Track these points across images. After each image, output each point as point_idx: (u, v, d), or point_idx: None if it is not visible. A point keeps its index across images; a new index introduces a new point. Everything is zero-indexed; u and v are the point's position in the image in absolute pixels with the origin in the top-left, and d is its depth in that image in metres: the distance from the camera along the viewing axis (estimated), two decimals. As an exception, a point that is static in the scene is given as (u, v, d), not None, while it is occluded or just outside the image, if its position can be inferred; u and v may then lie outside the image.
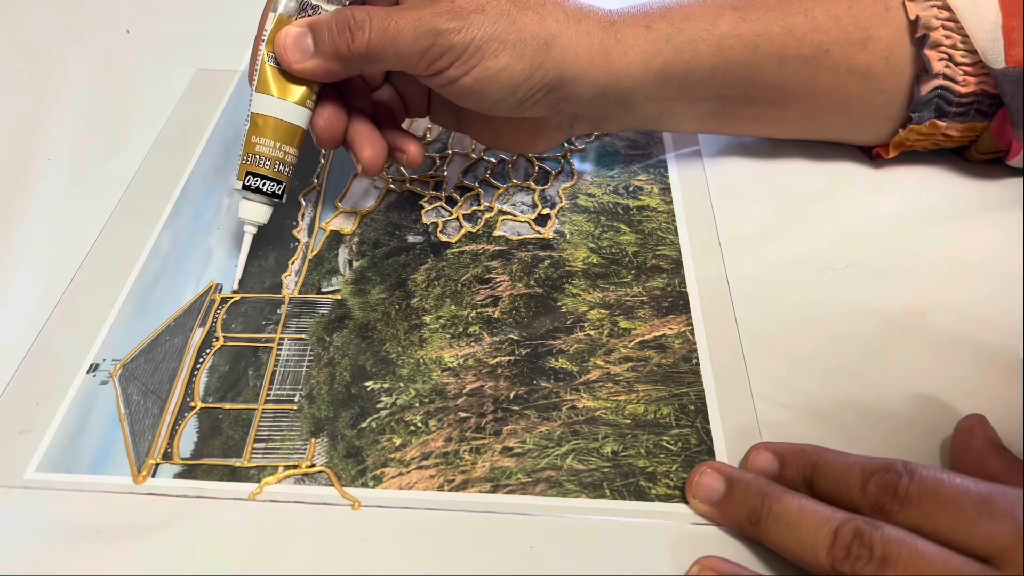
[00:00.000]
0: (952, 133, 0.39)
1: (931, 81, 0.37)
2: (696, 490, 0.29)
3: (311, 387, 0.34)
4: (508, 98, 0.34)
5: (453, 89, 0.34)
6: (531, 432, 0.32)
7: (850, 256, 0.38)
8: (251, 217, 0.37)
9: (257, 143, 0.35)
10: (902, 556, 0.24)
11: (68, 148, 0.46)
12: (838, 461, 0.28)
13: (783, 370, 0.34)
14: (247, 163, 0.36)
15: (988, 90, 0.37)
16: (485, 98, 0.34)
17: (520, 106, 0.35)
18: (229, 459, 0.32)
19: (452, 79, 0.33)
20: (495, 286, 0.38)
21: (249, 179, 0.36)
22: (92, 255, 0.40)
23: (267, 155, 0.36)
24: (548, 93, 0.35)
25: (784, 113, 0.40)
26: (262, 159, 0.36)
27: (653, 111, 0.39)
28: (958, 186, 0.41)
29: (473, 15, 0.32)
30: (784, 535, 0.27)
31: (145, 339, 0.36)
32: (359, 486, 0.31)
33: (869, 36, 0.37)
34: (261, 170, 0.36)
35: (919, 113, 0.38)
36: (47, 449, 0.32)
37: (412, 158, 0.37)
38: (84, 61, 0.53)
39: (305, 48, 0.33)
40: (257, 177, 0.36)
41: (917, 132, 0.39)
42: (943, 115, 0.38)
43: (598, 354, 0.35)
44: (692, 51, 0.36)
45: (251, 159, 0.36)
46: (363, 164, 0.36)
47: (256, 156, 0.36)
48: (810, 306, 0.36)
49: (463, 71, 0.33)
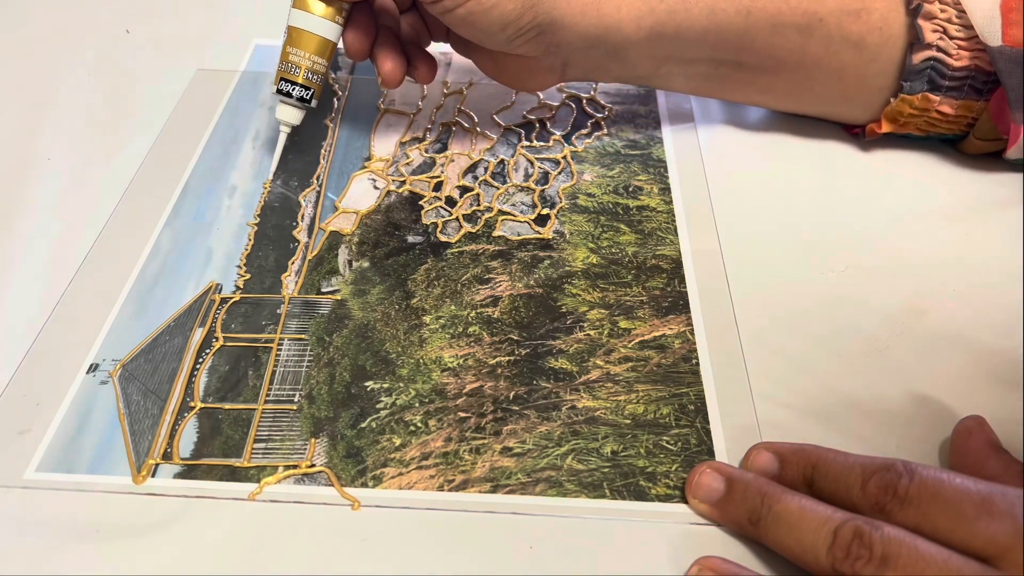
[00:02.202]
0: (946, 110, 0.39)
1: (924, 51, 0.37)
2: (696, 490, 0.29)
3: (311, 387, 0.34)
4: (498, 33, 0.37)
5: (449, 17, 0.36)
6: (531, 432, 0.32)
7: (850, 256, 0.38)
8: (285, 118, 0.42)
9: (291, 52, 0.40)
10: (902, 556, 0.24)
11: (68, 148, 0.46)
12: (838, 461, 0.28)
13: (783, 370, 0.34)
14: (282, 70, 0.40)
15: (982, 66, 0.37)
16: (477, 30, 0.37)
17: (511, 43, 0.37)
18: (229, 459, 0.32)
19: (448, 8, 0.36)
20: (495, 286, 0.38)
21: (283, 84, 0.40)
22: (92, 255, 0.40)
23: (299, 64, 0.40)
24: (538, 35, 0.37)
25: (775, 81, 0.41)
26: (294, 67, 0.40)
27: (644, 68, 0.40)
28: (958, 186, 0.42)
29: None
30: (784, 535, 0.27)
31: (145, 339, 0.36)
32: (359, 486, 0.31)
33: (864, 6, 0.37)
34: (293, 77, 0.40)
35: (911, 83, 0.38)
36: (47, 449, 0.32)
37: (421, 75, 0.41)
38: (84, 61, 0.53)
39: None
40: (289, 83, 0.40)
41: (910, 105, 0.39)
42: (936, 88, 0.38)
43: (598, 354, 0.35)
44: (685, 12, 0.37)
45: (285, 67, 0.40)
46: (383, 76, 0.40)
47: (289, 64, 0.40)
48: (810, 306, 0.36)
49: (458, 2, 0.35)
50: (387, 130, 0.48)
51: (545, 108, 0.49)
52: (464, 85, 0.51)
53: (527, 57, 0.39)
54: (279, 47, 0.41)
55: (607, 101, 0.49)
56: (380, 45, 0.40)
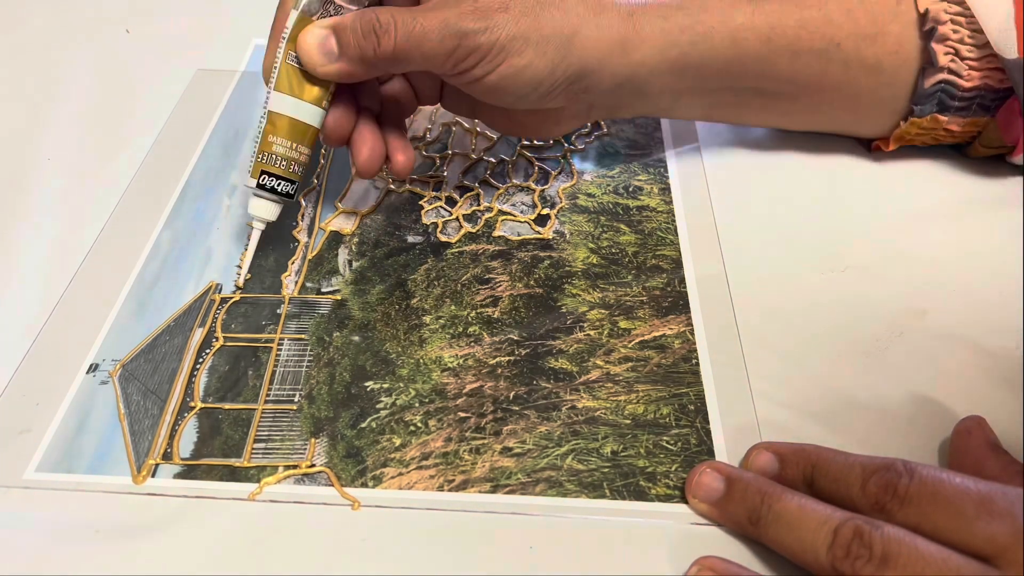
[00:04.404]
0: (953, 128, 0.39)
1: (935, 75, 0.37)
2: (696, 490, 0.29)
3: (311, 387, 0.34)
4: (531, 93, 0.35)
5: (478, 87, 0.34)
6: (531, 432, 0.32)
7: (850, 256, 0.38)
8: (261, 215, 0.38)
9: (274, 142, 0.36)
10: (902, 555, 0.24)
11: (68, 148, 0.46)
12: (838, 461, 0.28)
13: (783, 370, 0.34)
14: (263, 162, 0.36)
15: (992, 84, 0.37)
16: (508, 94, 0.35)
17: (542, 100, 0.36)
18: (229, 459, 0.32)
19: (477, 77, 0.34)
20: (495, 286, 0.38)
21: (264, 178, 0.36)
22: (92, 255, 0.40)
23: (282, 155, 0.36)
24: (569, 86, 0.35)
25: (793, 105, 0.41)
26: (278, 159, 0.36)
27: (666, 101, 0.40)
28: (958, 186, 0.42)
29: (497, 14, 0.33)
30: (784, 534, 0.27)
31: (145, 339, 0.36)
32: (359, 486, 0.31)
33: (880, 30, 0.37)
34: (276, 170, 0.36)
35: (921, 106, 0.39)
36: (47, 449, 0.32)
37: (398, 168, 0.38)
38: (84, 61, 0.53)
39: (329, 51, 0.34)
40: (272, 177, 0.36)
41: (918, 126, 0.39)
42: (945, 109, 0.38)
43: (598, 354, 0.35)
44: (707, 43, 0.37)
45: (267, 158, 0.36)
46: (358, 167, 0.37)
47: (272, 156, 0.36)
48: (810, 306, 0.36)
49: (488, 70, 0.33)
50: (387, 130, 0.48)
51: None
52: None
53: (551, 108, 0.37)
54: None
55: (607, 101, 0.49)
56: (359, 130, 0.37)
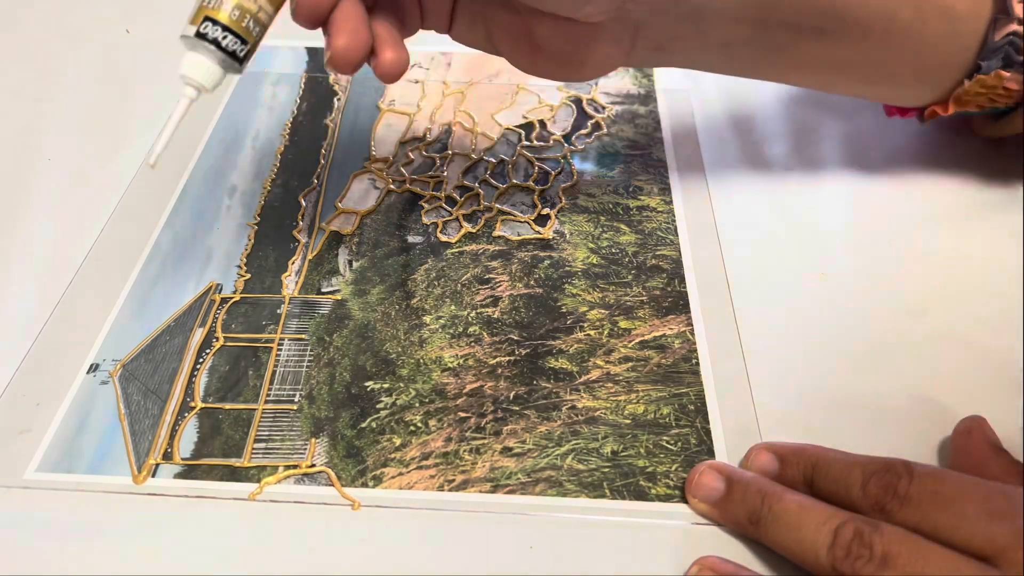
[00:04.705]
0: (1012, 86, 0.36)
1: (1008, 26, 0.35)
2: (696, 489, 0.29)
3: (311, 387, 0.34)
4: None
5: None
6: (531, 432, 0.32)
7: (850, 256, 0.38)
8: (196, 76, 0.28)
9: None
10: (902, 556, 0.24)
11: (68, 148, 0.46)
12: (838, 461, 0.28)
13: (783, 370, 0.34)
14: (208, 6, 0.27)
15: None
16: None
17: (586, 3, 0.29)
18: (229, 459, 0.32)
19: None
20: (495, 286, 0.38)
21: (207, 26, 0.27)
22: (92, 255, 0.40)
23: (237, 2, 0.27)
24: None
25: (855, 53, 0.37)
26: (228, 4, 0.27)
27: (722, 35, 0.35)
28: (958, 186, 0.42)
29: None
30: (784, 534, 0.26)
31: (145, 339, 0.36)
32: (359, 486, 0.31)
33: None
34: (224, 18, 0.27)
35: (988, 62, 0.36)
36: (47, 449, 0.32)
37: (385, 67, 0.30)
38: (84, 61, 0.53)
39: None
40: (218, 26, 0.27)
41: (982, 84, 0.36)
42: (1009, 64, 0.36)
43: (598, 354, 0.35)
44: None
45: (215, 2, 0.27)
46: (333, 53, 0.29)
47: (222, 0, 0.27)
48: (810, 306, 0.37)
49: None
50: (387, 130, 0.48)
51: (545, 108, 0.49)
52: (464, 85, 0.51)
53: (588, 26, 0.31)
54: None
55: (607, 101, 0.49)
56: (342, 7, 0.29)
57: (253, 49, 0.28)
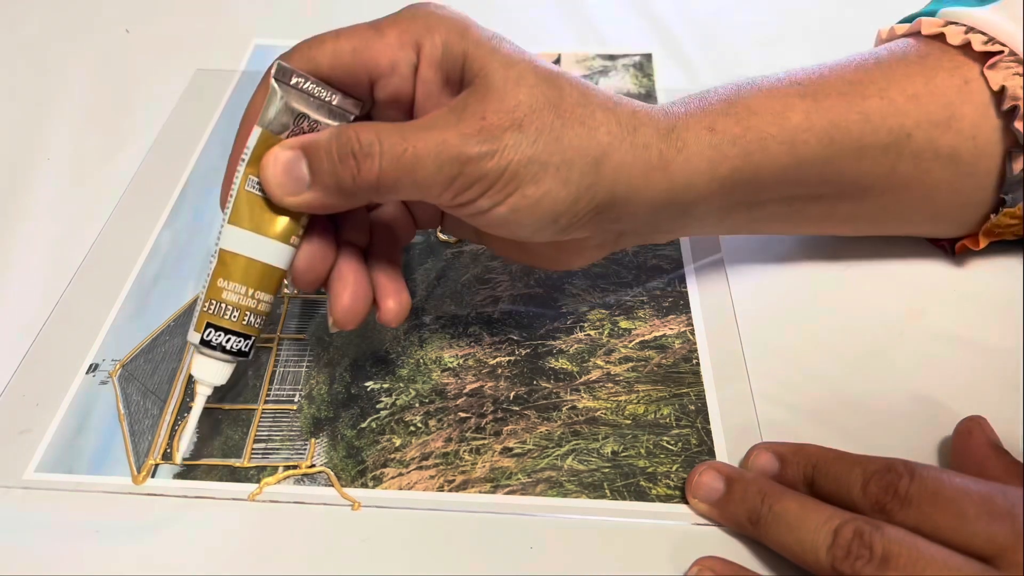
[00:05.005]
0: None
1: None
2: (696, 489, 0.29)
3: (311, 387, 0.34)
4: (549, 226, 0.29)
5: (484, 219, 0.28)
6: (531, 432, 0.32)
7: (850, 256, 0.38)
8: (207, 378, 0.29)
9: (224, 288, 0.28)
10: (902, 556, 0.24)
11: (68, 148, 0.46)
12: (839, 461, 0.28)
13: (783, 370, 0.34)
14: (209, 312, 0.28)
15: None
16: (521, 228, 0.29)
17: (562, 233, 0.29)
18: (229, 459, 0.32)
19: (483, 210, 0.28)
20: (495, 286, 0.38)
21: (210, 333, 0.28)
22: (92, 255, 0.40)
23: (235, 304, 0.28)
24: (596, 216, 0.29)
25: (857, 209, 0.35)
26: (228, 309, 0.28)
27: (712, 221, 0.34)
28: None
29: (508, 134, 0.26)
30: (784, 535, 0.26)
31: (145, 339, 0.36)
32: (359, 486, 0.31)
33: (952, 114, 0.32)
34: (226, 323, 0.28)
35: (1013, 194, 0.33)
36: (47, 449, 0.32)
37: (388, 317, 0.30)
38: (84, 61, 0.53)
39: (299, 177, 0.27)
40: (220, 331, 0.28)
41: (1011, 216, 0.34)
42: None
43: (598, 354, 0.35)
44: (762, 152, 0.31)
45: (214, 307, 0.28)
46: (336, 317, 0.29)
47: (221, 305, 0.28)
48: (810, 306, 0.36)
49: (497, 201, 0.27)
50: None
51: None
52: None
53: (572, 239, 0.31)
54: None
55: (607, 101, 0.49)
56: (339, 269, 0.30)
57: (258, 338, 0.30)
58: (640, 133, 0.29)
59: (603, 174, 0.28)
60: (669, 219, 0.32)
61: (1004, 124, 0.32)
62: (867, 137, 0.32)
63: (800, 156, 0.32)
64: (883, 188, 0.34)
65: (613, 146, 0.28)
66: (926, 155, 0.33)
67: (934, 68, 0.33)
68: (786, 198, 0.34)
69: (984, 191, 0.34)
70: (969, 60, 0.33)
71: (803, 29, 0.54)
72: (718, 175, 0.31)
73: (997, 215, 0.34)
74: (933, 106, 0.32)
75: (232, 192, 0.28)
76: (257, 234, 0.28)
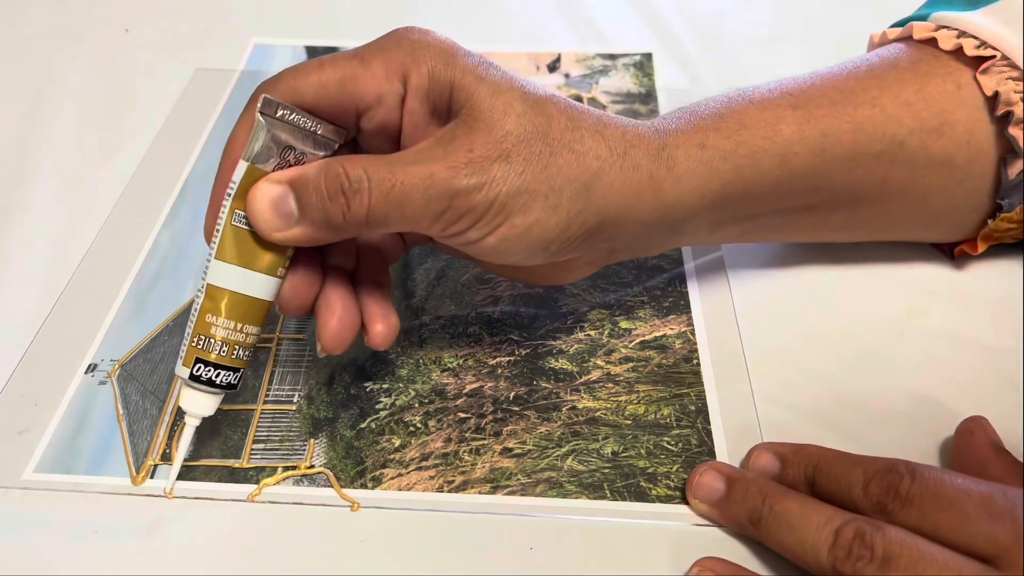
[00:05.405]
0: None
1: (1019, 162, 0.33)
2: (696, 490, 0.29)
3: (310, 387, 0.34)
4: (540, 253, 0.29)
5: (473, 249, 0.28)
6: (531, 433, 0.32)
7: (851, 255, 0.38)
8: (195, 410, 0.30)
9: (212, 324, 0.28)
10: (903, 556, 0.24)
11: (67, 148, 0.46)
12: (839, 461, 0.28)
13: (784, 370, 0.34)
14: (197, 347, 0.28)
15: None
16: (511, 256, 0.29)
17: (553, 257, 0.29)
18: (228, 460, 0.32)
19: (472, 240, 0.28)
20: (495, 286, 0.38)
21: (199, 368, 0.28)
22: (91, 255, 0.40)
23: (223, 339, 0.28)
24: (587, 239, 0.29)
25: (851, 217, 0.35)
26: (217, 344, 0.28)
27: (704, 234, 0.34)
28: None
29: (496, 165, 0.26)
30: (785, 535, 0.26)
31: (144, 339, 0.36)
32: (358, 487, 0.31)
33: (945, 120, 0.32)
34: (214, 358, 0.28)
35: (1009, 199, 0.34)
36: (45, 449, 0.32)
37: (376, 341, 0.30)
38: (84, 61, 0.53)
39: (287, 213, 0.27)
40: (209, 366, 0.28)
41: (1009, 220, 0.34)
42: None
43: (598, 354, 0.35)
44: (753, 166, 0.31)
45: (203, 343, 0.28)
46: (324, 343, 0.29)
47: (210, 340, 0.28)
48: (811, 306, 0.36)
49: (486, 232, 0.27)
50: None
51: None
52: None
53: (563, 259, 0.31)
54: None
55: (607, 101, 0.49)
56: (326, 295, 0.30)
57: (245, 371, 0.30)
58: (630, 155, 0.29)
59: (593, 199, 0.28)
60: (661, 236, 0.32)
61: (998, 129, 0.32)
62: (860, 146, 0.32)
63: (792, 168, 0.31)
64: (877, 196, 0.34)
65: (603, 170, 0.28)
66: (920, 162, 0.33)
67: (926, 74, 0.33)
68: (778, 210, 0.34)
69: (979, 196, 0.34)
70: (961, 65, 0.33)
71: (803, 29, 0.54)
72: (709, 191, 0.31)
73: (995, 220, 0.34)
74: (926, 113, 0.32)
75: (218, 227, 0.28)
76: (245, 268, 0.28)
